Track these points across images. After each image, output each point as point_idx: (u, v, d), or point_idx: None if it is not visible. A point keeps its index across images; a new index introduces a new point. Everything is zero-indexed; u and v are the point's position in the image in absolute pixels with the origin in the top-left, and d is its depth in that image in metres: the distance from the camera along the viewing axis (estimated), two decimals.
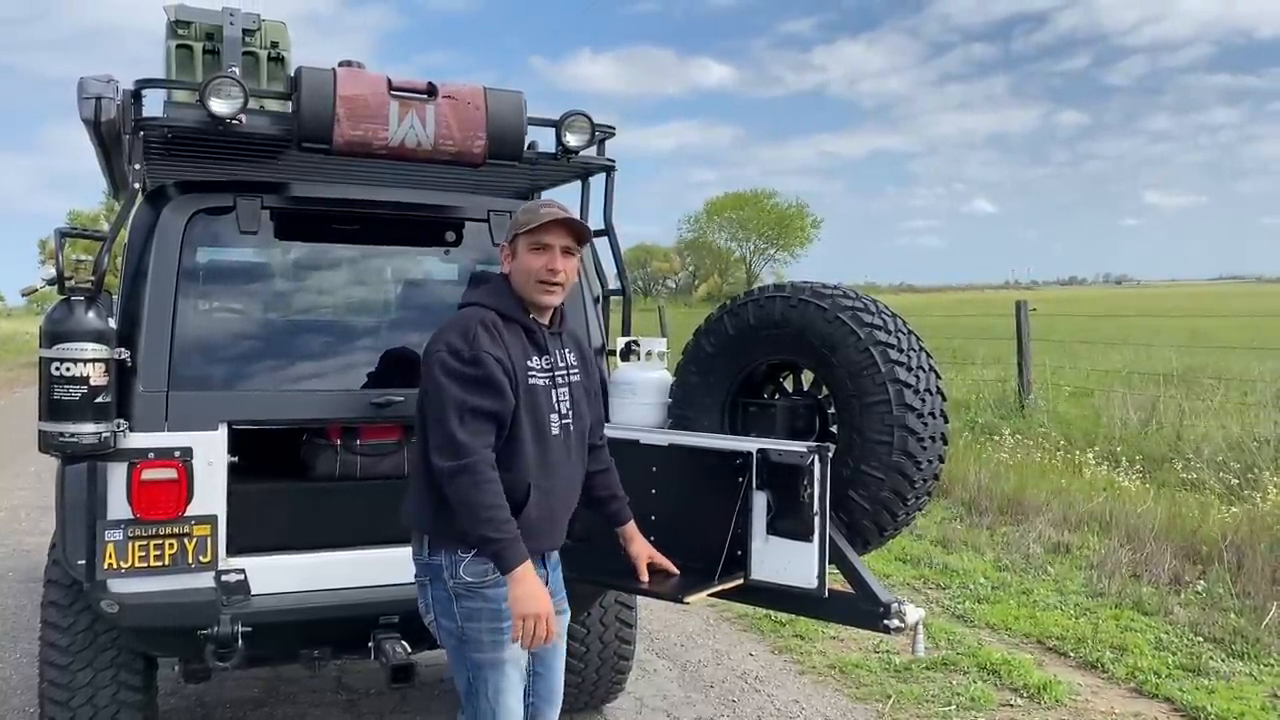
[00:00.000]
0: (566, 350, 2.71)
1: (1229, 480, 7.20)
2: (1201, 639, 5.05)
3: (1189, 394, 9.71)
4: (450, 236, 3.74)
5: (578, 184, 3.84)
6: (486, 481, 2.39)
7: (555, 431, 2.60)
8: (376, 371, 3.51)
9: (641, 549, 2.91)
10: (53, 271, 2.92)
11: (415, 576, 2.65)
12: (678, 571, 2.93)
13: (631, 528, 2.93)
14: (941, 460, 2.99)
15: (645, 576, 2.90)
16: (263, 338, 3.54)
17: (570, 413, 2.65)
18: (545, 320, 2.65)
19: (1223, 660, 4.77)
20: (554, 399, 2.60)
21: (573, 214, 2.63)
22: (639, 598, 3.96)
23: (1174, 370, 10.70)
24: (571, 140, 3.41)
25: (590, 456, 2.81)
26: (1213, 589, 5.61)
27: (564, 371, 2.66)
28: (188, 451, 3.01)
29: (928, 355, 3.00)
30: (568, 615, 2.87)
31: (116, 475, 2.95)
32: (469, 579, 2.51)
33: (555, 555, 2.79)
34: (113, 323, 2.99)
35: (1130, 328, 17.88)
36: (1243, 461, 7.48)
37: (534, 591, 2.40)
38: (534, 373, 2.56)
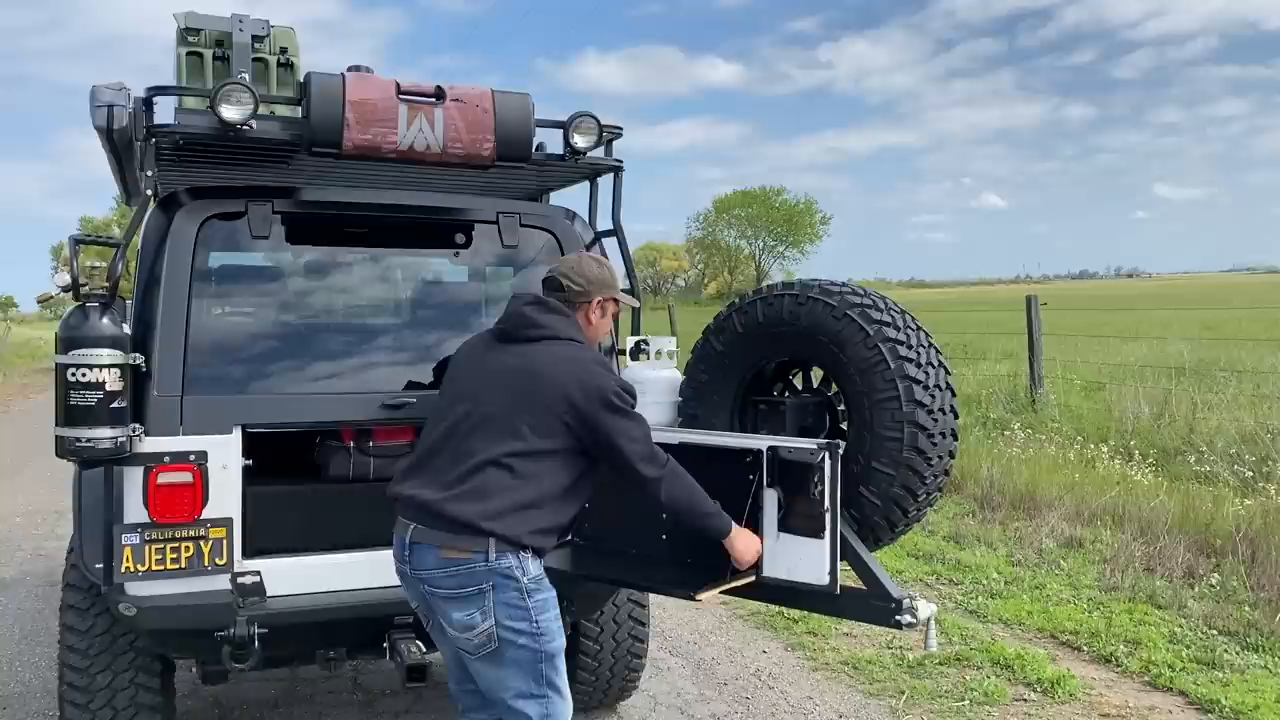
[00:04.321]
0: None
1: (1243, 473, 7.16)
2: (1216, 632, 5.04)
3: (1201, 387, 9.66)
4: (460, 239, 3.76)
5: (585, 184, 3.85)
6: (686, 474, 2.78)
7: None
8: (389, 374, 3.53)
9: None
10: (67, 278, 2.93)
11: (460, 587, 2.56)
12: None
13: None
14: (952, 456, 2.99)
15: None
16: (275, 341, 3.57)
17: None
18: None
19: (1237, 653, 4.76)
20: None
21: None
22: (651, 596, 3.98)
23: (1185, 363, 10.65)
24: (579, 141, 3.42)
25: None
26: (1227, 582, 5.59)
27: None
28: (203, 455, 3.03)
29: (936, 351, 3.00)
30: None
31: (132, 479, 2.97)
32: (536, 573, 2.63)
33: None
34: (127, 328, 3.01)
35: (1142, 321, 17.79)
36: (1257, 454, 7.43)
37: (751, 538, 2.87)
38: None
